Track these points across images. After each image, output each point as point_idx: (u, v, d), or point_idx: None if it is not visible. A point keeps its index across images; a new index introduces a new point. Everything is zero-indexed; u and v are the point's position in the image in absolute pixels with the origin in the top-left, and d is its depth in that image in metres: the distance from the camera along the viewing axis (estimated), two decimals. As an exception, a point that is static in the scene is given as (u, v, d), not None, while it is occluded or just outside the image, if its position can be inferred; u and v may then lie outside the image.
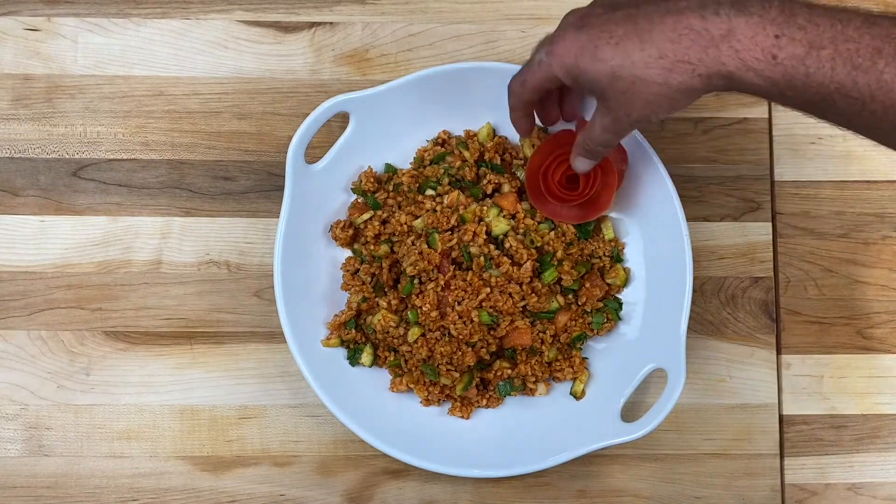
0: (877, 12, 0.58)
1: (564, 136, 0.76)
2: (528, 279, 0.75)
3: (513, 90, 0.70)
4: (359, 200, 0.81)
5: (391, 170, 0.81)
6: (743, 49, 0.57)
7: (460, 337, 0.74)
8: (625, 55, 0.60)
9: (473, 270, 0.74)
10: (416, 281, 0.75)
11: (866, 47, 0.56)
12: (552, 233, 0.77)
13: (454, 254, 0.75)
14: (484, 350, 0.75)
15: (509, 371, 0.77)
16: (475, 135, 0.81)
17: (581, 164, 0.73)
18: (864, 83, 0.56)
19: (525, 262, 0.75)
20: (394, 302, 0.76)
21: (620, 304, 0.79)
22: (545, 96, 0.72)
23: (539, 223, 0.77)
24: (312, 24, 0.85)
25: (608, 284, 0.79)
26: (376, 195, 0.80)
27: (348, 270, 0.80)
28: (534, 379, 0.77)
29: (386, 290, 0.77)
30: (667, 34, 0.59)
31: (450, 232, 0.75)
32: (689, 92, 0.60)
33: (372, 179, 0.80)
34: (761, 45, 0.57)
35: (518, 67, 0.77)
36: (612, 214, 0.80)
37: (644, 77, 0.60)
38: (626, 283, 0.79)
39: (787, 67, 0.57)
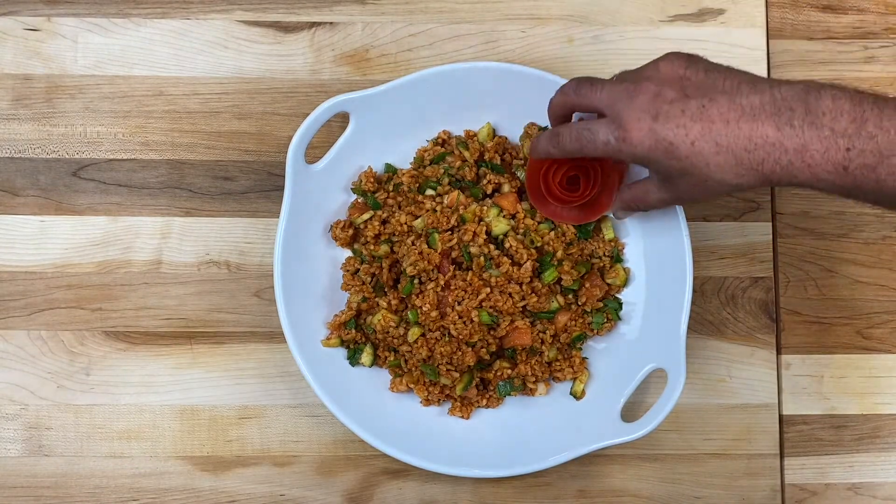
0: None
1: None
2: (528, 279, 0.75)
3: (564, 148, 0.69)
4: (359, 200, 0.81)
5: (391, 170, 0.81)
6: (815, 164, 0.59)
7: (460, 337, 0.74)
8: (700, 157, 0.62)
9: (473, 270, 0.74)
10: (416, 281, 0.75)
11: None
12: (552, 233, 0.77)
13: (454, 254, 0.75)
14: (484, 350, 0.75)
15: (509, 371, 0.77)
16: (475, 135, 0.81)
17: (623, 216, 0.77)
18: None
19: (525, 262, 0.75)
20: (394, 302, 0.76)
21: (620, 304, 0.79)
22: None
23: (539, 223, 0.77)
24: (312, 24, 0.85)
25: (608, 284, 0.79)
26: (376, 195, 0.80)
27: (348, 270, 0.80)
28: (534, 379, 0.77)
29: (386, 290, 0.77)
30: (742, 142, 0.60)
31: (450, 232, 0.75)
32: (754, 188, 0.64)
33: (372, 179, 0.80)
34: (832, 159, 0.58)
35: (520, 68, 0.77)
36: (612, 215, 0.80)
37: (717, 179, 0.62)
38: (626, 283, 0.79)
39: (857, 177, 0.58)
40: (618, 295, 0.79)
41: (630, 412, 0.76)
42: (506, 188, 0.78)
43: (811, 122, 0.59)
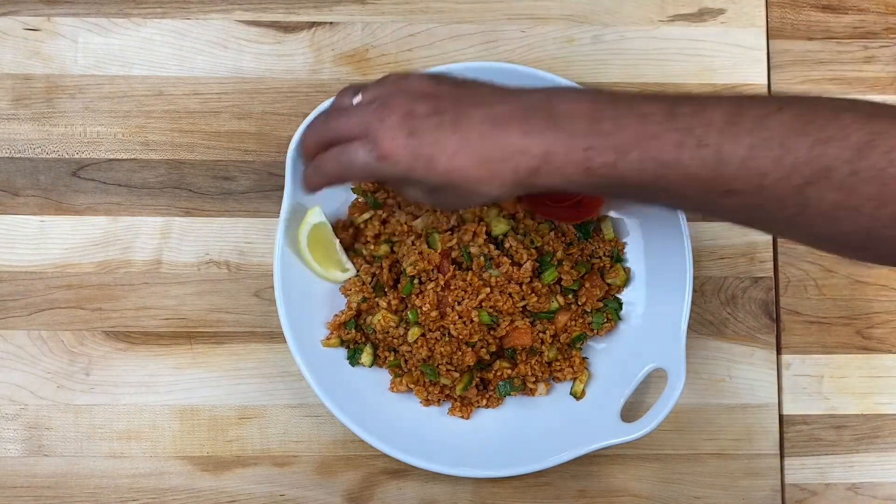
0: (681, 96, 0.59)
1: None
2: (528, 279, 0.75)
3: (328, 174, 0.66)
4: (359, 200, 0.81)
5: (391, 170, 0.81)
6: (561, 166, 0.59)
7: (460, 337, 0.74)
8: (461, 171, 0.61)
9: (473, 270, 0.74)
10: (416, 281, 0.75)
11: (668, 143, 0.57)
12: (552, 233, 0.77)
13: (454, 254, 0.75)
14: (484, 350, 0.75)
15: (509, 371, 0.77)
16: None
17: (310, 183, 0.68)
18: (674, 177, 0.57)
19: (525, 263, 0.75)
20: (394, 302, 0.76)
21: (620, 304, 0.79)
22: None
23: (539, 223, 0.77)
24: (312, 24, 0.85)
25: (608, 284, 0.79)
26: (376, 195, 0.80)
27: (348, 270, 0.80)
28: (534, 379, 0.77)
29: (386, 290, 0.77)
30: (497, 152, 0.60)
31: (450, 232, 0.75)
32: (521, 194, 0.64)
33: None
34: (575, 160, 0.59)
35: (520, 68, 0.77)
36: (612, 214, 0.80)
37: (481, 191, 0.61)
38: (626, 283, 0.79)
39: (601, 176, 0.59)
40: (618, 295, 0.79)
41: (630, 412, 0.76)
42: (506, 188, 0.78)
43: (552, 125, 0.59)
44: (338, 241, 0.77)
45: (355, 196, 0.81)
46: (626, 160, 0.58)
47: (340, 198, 0.80)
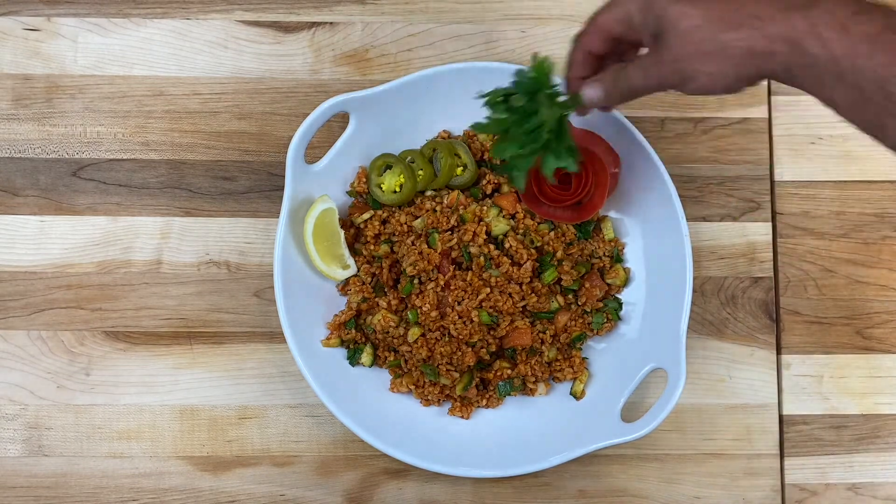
0: None
1: None
2: (528, 279, 0.75)
3: (583, 32, 0.67)
4: (358, 200, 0.81)
5: (391, 170, 0.81)
6: (819, 14, 0.57)
7: (460, 337, 0.74)
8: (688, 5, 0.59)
9: (473, 270, 0.74)
10: (416, 281, 0.75)
11: None
12: (552, 233, 0.77)
13: (454, 254, 0.75)
14: (484, 350, 0.75)
15: (509, 371, 0.77)
16: (475, 135, 0.81)
17: (593, 93, 0.67)
18: None
19: (525, 263, 0.75)
20: (394, 302, 0.76)
21: (620, 304, 0.79)
22: (608, 48, 0.67)
23: (539, 223, 0.77)
24: (312, 24, 0.85)
25: (608, 284, 0.79)
26: (376, 195, 0.80)
27: (348, 270, 0.80)
28: (534, 379, 0.77)
29: (386, 290, 0.77)
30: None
31: (450, 232, 0.75)
32: (748, 54, 0.59)
33: (365, 178, 0.80)
34: (839, 16, 0.56)
35: (520, 68, 0.77)
36: (612, 214, 0.80)
37: (714, 22, 0.59)
38: (626, 283, 0.79)
39: (855, 43, 0.56)
40: (618, 295, 0.79)
41: (630, 412, 0.76)
42: (505, 188, 0.78)
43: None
44: (342, 232, 0.77)
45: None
46: (888, 39, 0.55)
47: (341, 198, 0.80)
